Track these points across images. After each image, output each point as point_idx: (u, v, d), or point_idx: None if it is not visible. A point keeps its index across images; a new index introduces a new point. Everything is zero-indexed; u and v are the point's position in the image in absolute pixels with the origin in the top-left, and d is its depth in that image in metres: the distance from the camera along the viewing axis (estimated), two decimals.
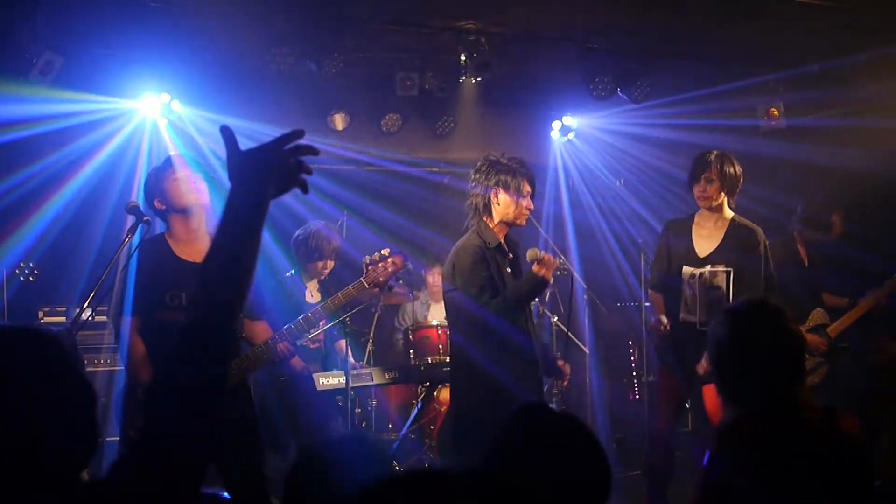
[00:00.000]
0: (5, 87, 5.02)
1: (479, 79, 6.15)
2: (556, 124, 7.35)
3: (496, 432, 1.77)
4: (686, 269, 4.27)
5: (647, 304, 5.61)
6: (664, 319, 4.27)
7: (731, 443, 2.21)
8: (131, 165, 5.95)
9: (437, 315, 6.18)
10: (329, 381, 4.91)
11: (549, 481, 1.64)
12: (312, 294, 5.01)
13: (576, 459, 1.70)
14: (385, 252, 4.01)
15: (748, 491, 2.10)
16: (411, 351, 5.78)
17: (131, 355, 3.55)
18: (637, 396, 7.11)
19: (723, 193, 4.27)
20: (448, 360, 4.70)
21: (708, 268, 4.21)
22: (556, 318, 6.41)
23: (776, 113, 6.54)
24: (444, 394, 5.40)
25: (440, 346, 5.58)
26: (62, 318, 5.23)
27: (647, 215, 6.97)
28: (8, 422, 1.32)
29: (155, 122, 6.14)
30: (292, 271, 5.04)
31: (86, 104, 5.57)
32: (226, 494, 3.21)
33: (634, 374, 7.25)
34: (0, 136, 5.06)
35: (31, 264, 5.51)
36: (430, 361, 5.56)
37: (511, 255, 4.08)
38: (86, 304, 3.51)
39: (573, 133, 7.39)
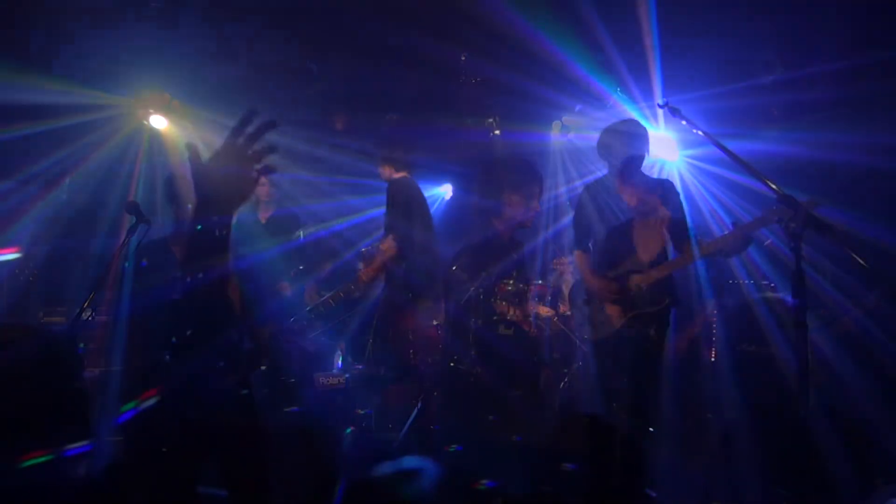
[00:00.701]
0: (5, 78, 5.02)
1: (479, 79, 6.16)
2: (556, 124, 7.34)
3: (543, 438, 1.76)
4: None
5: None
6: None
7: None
8: (131, 165, 5.95)
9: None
10: (329, 381, 4.90)
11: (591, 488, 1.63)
12: (311, 295, 5.01)
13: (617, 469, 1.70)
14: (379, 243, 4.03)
15: None
16: (411, 351, 5.76)
17: (130, 356, 3.55)
18: None
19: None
20: None
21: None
22: (555, 318, 6.40)
23: (774, 113, 6.54)
24: None
25: (440, 346, 5.57)
26: (62, 318, 5.23)
27: None
28: (5, 420, 1.32)
29: (155, 121, 6.13)
30: (297, 268, 5.05)
31: (86, 99, 5.57)
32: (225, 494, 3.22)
33: None
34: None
35: (31, 265, 5.50)
36: (429, 361, 5.54)
37: (515, 257, 4.08)
38: (86, 304, 3.51)
39: (573, 133, 7.39)
